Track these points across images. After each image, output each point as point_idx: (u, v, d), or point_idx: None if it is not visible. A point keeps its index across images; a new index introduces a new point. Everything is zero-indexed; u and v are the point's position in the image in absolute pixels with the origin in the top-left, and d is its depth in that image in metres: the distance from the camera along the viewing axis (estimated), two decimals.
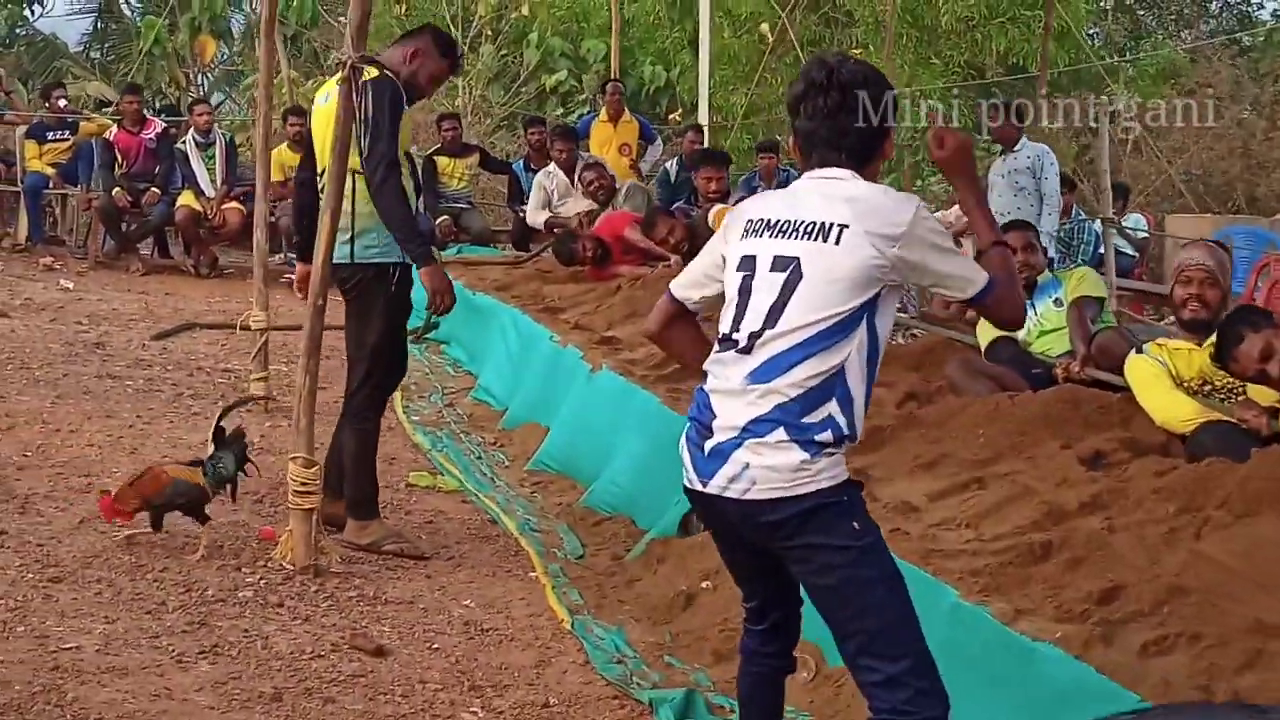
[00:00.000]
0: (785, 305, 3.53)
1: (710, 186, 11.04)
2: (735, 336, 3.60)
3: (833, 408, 3.50)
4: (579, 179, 12.68)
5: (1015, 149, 11.15)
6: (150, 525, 6.17)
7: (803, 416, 3.48)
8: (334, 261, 6.07)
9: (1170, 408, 5.82)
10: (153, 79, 25.76)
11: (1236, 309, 6.01)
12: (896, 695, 3.48)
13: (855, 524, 3.53)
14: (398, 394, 8.44)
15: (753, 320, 3.57)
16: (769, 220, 3.67)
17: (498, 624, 5.68)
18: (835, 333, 3.48)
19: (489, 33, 23.79)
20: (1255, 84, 19.38)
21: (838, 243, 3.51)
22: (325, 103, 6.31)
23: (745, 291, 3.63)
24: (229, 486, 6.37)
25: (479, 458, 8.25)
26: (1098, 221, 13.50)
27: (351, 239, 6.18)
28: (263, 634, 5.29)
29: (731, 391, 3.57)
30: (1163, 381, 5.91)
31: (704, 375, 3.73)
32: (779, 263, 3.57)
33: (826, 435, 3.48)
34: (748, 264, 3.65)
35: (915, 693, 3.48)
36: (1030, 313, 7.18)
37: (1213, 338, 5.79)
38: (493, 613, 5.80)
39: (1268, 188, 17.92)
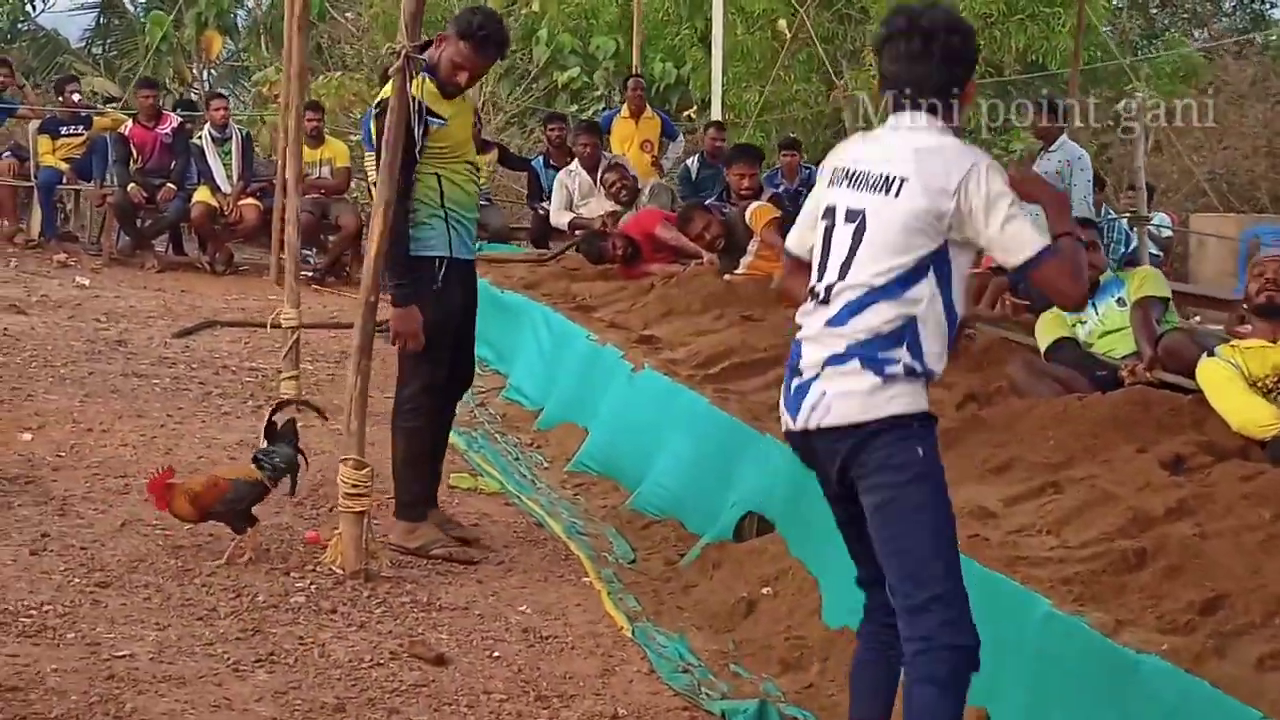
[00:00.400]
0: (854, 257, 3.72)
1: (743, 183, 10.86)
2: (817, 289, 3.82)
3: (903, 353, 3.66)
4: (600, 180, 12.48)
5: (1051, 148, 10.97)
6: (232, 531, 6.01)
7: (878, 352, 3.66)
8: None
9: (1247, 411, 5.67)
10: (158, 74, 25.55)
11: None
12: (924, 622, 3.65)
13: (920, 450, 3.72)
14: None
15: (831, 273, 3.78)
16: (848, 170, 3.85)
17: (557, 631, 5.52)
18: (899, 285, 3.66)
19: None
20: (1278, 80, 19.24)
21: (897, 195, 3.67)
22: None
23: (826, 243, 3.85)
24: (290, 478, 6.23)
25: (517, 459, 8.09)
26: (1124, 220, 13.38)
27: None
28: (319, 641, 5.13)
29: (814, 337, 3.79)
30: (1236, 384, 5.75)
31: (797, 326, 3.92)
32: (850, 215, 3.77)
33: (898, 369, 3.67)
34: (829, 214, 3.86)
35: (942, 621, 3.64)
36: (1091, 312, 7.04)
37: None
38: (550, 619, 5.65)
39: None
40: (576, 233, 12.45)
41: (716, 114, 16.49)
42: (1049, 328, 7.06)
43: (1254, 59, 19.67)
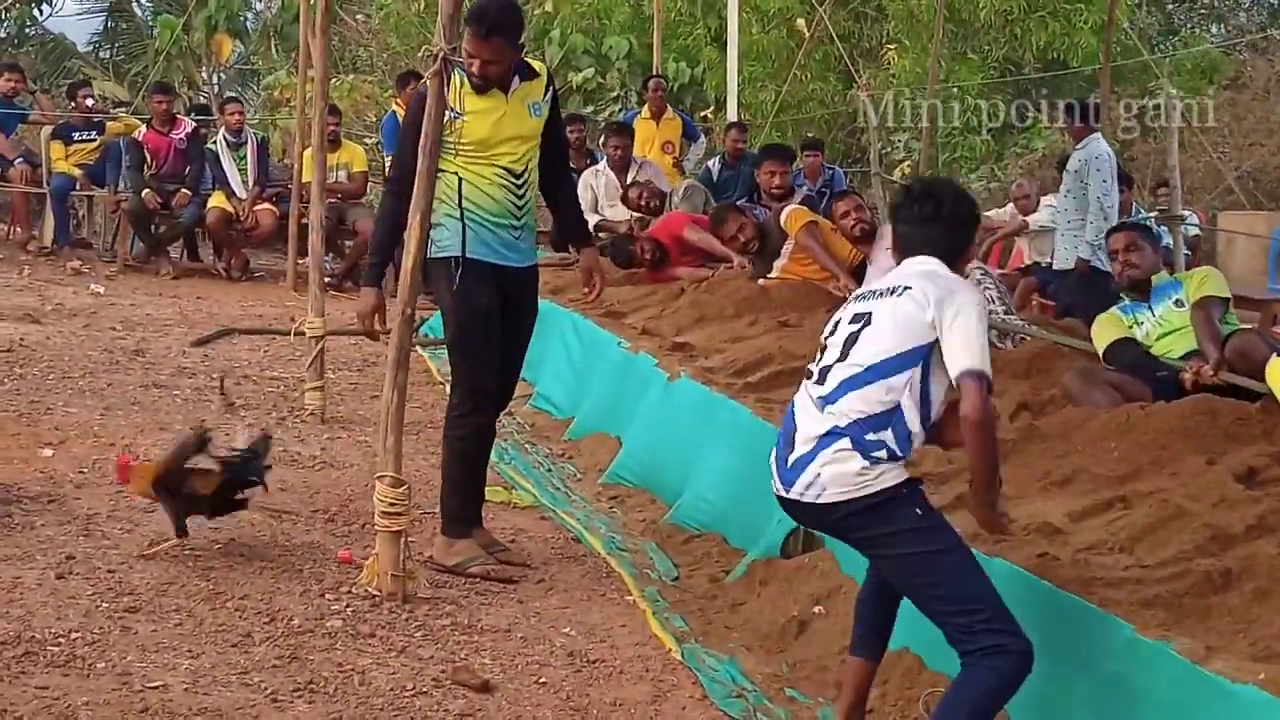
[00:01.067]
0: (854, 345, 4.29)
1: (773, 181, 10.68)
2: (812, 370, 4.43)
3: (888, 436, 4.18)
4: (624, 201, 12.23)
5: (1078, 147, 10.78)
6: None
7: (864, 434, 4.18)
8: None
9: None
10: (168, 78, 25.42)
11: None
12: (979, 641, 4.04)
13: (917, 510, 4.21)
14: None
15: (830, 357, 4.36)
16: (863, 292, 4.54)
17: (604, 654, 5.30)
18: (888, 370, 4.19)
19: None
20: None
21: (899, 296, 4.29)
22: None
23: (830, 335, 4.45)
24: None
25: (549, 470, 7.88)
26: (1152, 218, 13.14)
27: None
28: (358, 668, 4.92)
29: (809, 412, 4.33)
30: None
31: (791, 402, 4.50)
32: (857, 317, 4.37)
33: (882, 454, 4.17)
34: (832, 326, 4.49)
35: (997, 632, 4.04)
36: (1148, 314, 6.84)
37: None
38: (596, 641, 5.43)
39: None
40: (600, 235, 12.25)
41: (732, 114, 16.30)
42: (1106, 329, 6.87)
43: (1276, 54, 19.41)
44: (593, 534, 6.74)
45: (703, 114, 21.01)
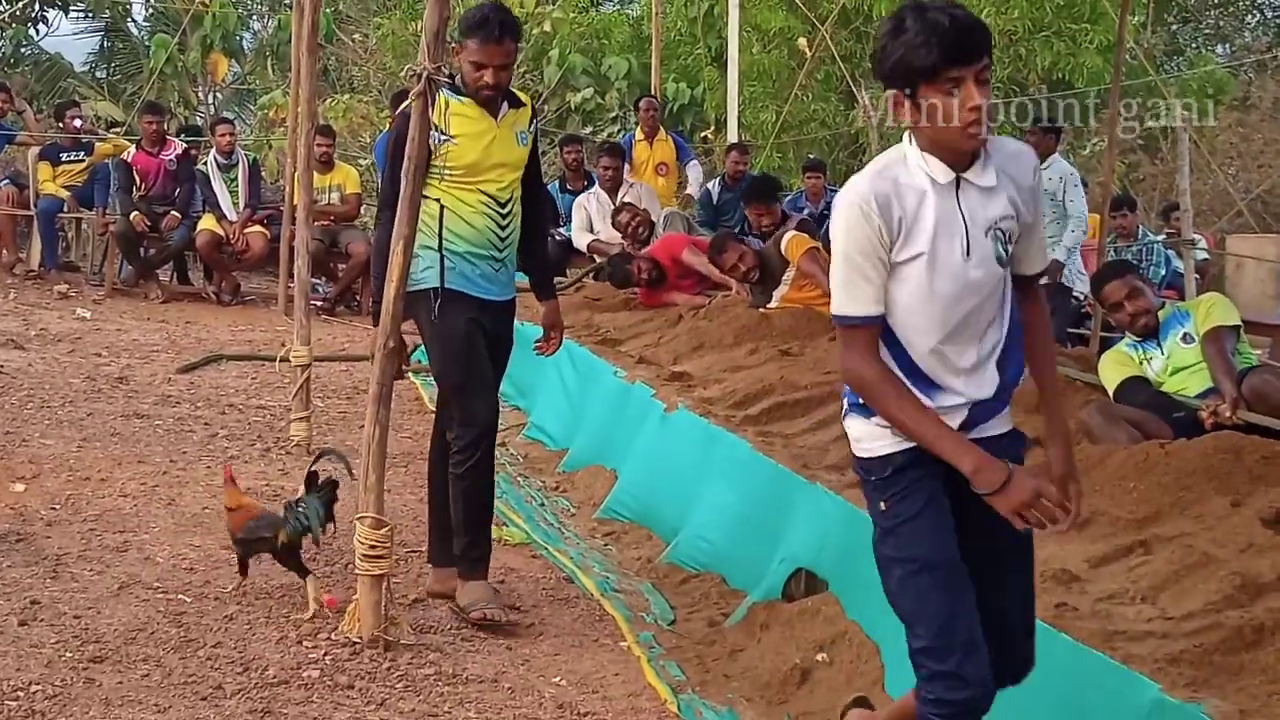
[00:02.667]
0: None
1: (762, 221, 10.47)
2: None
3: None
4: (613, 224, 11.97)
5: (1045, 166, 10.69)
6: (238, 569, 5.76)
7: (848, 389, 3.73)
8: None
9: None
10: (163, 98, 25.18)
11: None
12: (917, 672, 3.59)
13: (882, 504, 3.65)
14: None
15: None
16: None
17: (595, 707, 5.02)
18: None
19: None
20: None
21: None
22: None
23: None
24: (311, 534, 5.74)
25: (541, 504, 7.60)
26: (1159, 241, 12.89)
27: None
28: None
29: None
30: None
31: None
32: None
33: (847, 402, 3.74)
34: None
35: (929, 674, 3.54)
36: (1157, 352, 6.52)
37: None
38: (588, 692, 5.16)
39: None
40: (595, 258, 12.00)
41: (733, 135, 16.02)
42: (1115, 368, 6.54)
43: None
44: (586, 574, 6.47)
45: (703, 135, 20.75)
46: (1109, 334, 10.85)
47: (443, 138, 5.52)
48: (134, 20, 28.80)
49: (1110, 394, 6.47)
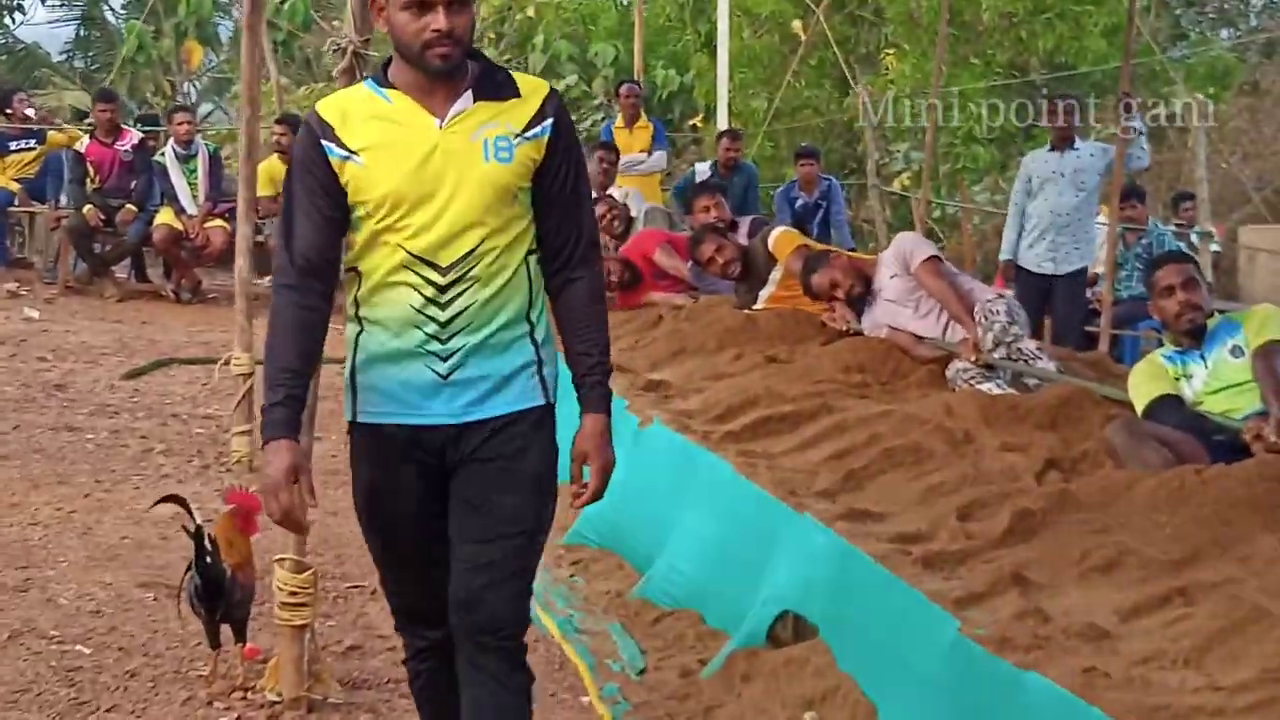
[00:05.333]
0: None
1: (709, 215, 9.54)
2: None
3: None
4: None
5: (1075, 147, 10.30)
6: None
7: None
8: None
9: None
10: (138, 87, 24.58)
11: None
12: None
13: None
14: None
15: None
16: None
17: None
18: None
19: (492, 36, 22.57)
20: None
21: None
22: None
23: None
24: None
25: None
26: (1169, 232, 12.21)
27: None
28: None
29: None
30: None
31: None
32: None
33: None
34: None
35: None
36: (1199, 365, 5.73)
37: None
38: None
39: None
40: None
41: (723, 122, 15.38)
42: (1147, 382, 5.74)
43: None
44: (548, 612, 5.77)
45: (691, 122, 20.11)
46: (1119, 331, 10.22)
47: (343, 155, 3.41)
48: (111, 8, 28.21)
49: (1139, 412, 5.71)
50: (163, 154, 13.50)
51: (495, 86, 3.47)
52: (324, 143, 3.40)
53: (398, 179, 3.38)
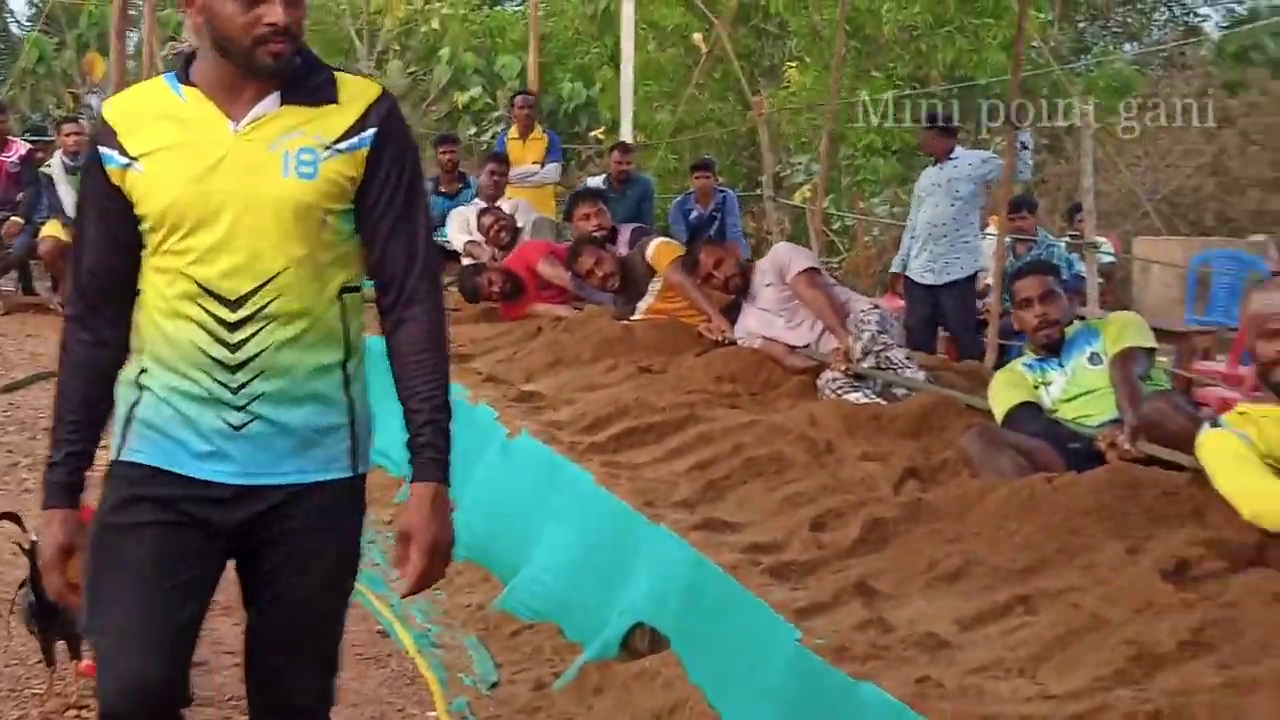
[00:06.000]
0: None
1: (589, 224, 9.42)
2: None
3: None
4: (478, 226, 11.06)
5: (954, 157, 10.33)
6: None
7: None
8: None
9: (1264, 497, 4.41)
10: (40, 100, 24.24)
11: None
12: None
13: None
14: None
15: None
16: None
17: None
18: None
19: (397, 49, 22.46)
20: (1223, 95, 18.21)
21: None
22: None
23: None
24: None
25: (372, 541, 6.78)
26: (1061, 244, 12.26)
27: None
28: None
29: None
30: (1251, 464, 4.47)
31: None
32: None
33: None
34: None
35: None
36: (1057, 372, 5.73)
37: None
38: None
39: (1243, 207, 16.67)
40: (464, 262, 11.16)
41: (626, 134, 15.30)
42: (1006, 390, 5.74)
43: (1192, 71, 18.63)
44: (405, 625, 5.68)
45: (595, 134, 20.06)
46: (1007, 342, 10.21)
47: (123, 163, 2.94)
48: (15, 19, 27.88)
49: (999, 420, 5.70)
50: (49, 166, 13.28)
51: (310, 89, 2.96)
52: (101, 149, 2.94)
53: (176, 191, 2.88)
